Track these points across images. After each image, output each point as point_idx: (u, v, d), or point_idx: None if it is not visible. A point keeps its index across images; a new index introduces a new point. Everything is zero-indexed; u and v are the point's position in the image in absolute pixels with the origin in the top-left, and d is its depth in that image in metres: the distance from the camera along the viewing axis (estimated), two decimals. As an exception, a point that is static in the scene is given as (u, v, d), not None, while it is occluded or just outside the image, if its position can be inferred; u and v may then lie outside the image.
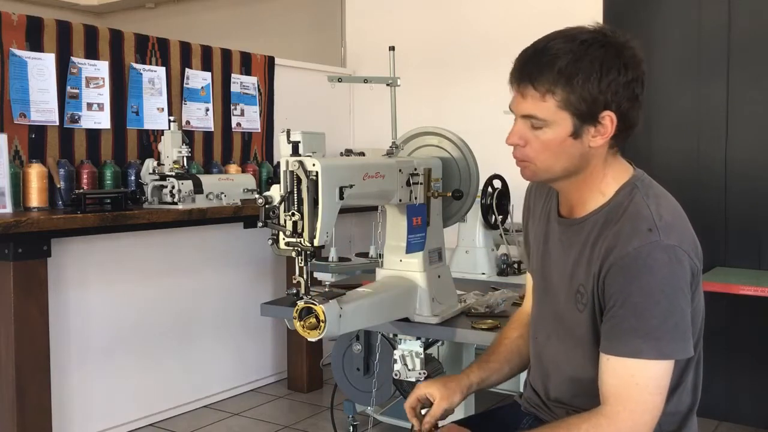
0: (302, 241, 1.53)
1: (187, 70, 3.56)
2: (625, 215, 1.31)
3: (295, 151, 1.57)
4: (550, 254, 1.46)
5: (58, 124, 3.03)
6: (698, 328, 1.37)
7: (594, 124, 1.30)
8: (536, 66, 1.29)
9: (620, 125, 1.31)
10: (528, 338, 1.58)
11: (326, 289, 1.73)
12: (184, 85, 3.55)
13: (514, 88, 1.34)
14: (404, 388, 1.83)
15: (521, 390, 1.65)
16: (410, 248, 1.86)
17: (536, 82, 1.29)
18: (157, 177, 3.07)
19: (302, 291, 1.58)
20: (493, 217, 2.88)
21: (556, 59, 1.27)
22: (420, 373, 1.88)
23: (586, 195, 1.39)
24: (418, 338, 1.91)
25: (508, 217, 2.98)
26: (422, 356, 1.91)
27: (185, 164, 3.16)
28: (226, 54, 3.77)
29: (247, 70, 3.87)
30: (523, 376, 1.64)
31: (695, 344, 1.35)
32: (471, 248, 2.89)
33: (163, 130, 3.26)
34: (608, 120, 1.30)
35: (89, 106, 3.15)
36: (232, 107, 3.80)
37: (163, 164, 3.11)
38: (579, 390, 1.40)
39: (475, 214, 2.84)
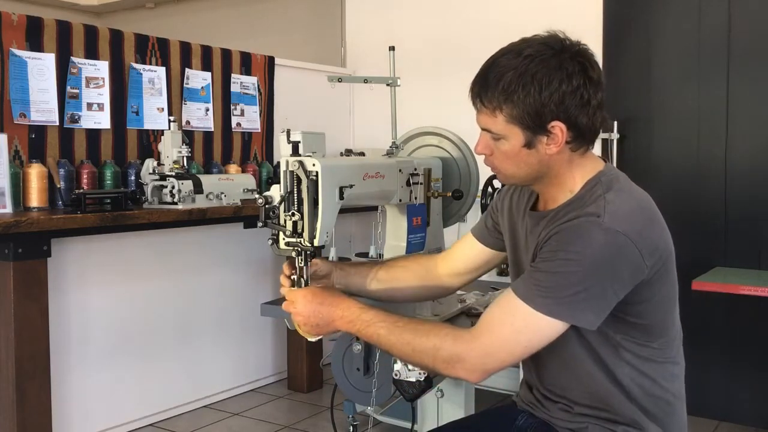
0: (302, 241, 1.53)
1: (187, 70, 3.56)
2: (582, 206, 1.35)
3: (295, 151, 1.57)
4: (522, 247, 1.51)
5: (58, 124, 3.03)
6: (666, 322, 1.40)
7: (545, 134, 1.35)
8: (484, 84, 1.37)
9: (572, 132, 1.35)
10: (407, 272, 1.71)
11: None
12: (184, 85, 3.55)
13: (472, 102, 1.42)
14: (404, 388, 1.83)
15: (519, 390, 1.66)
16: (410, 248, 1.86)
17: (485, 99, 1.37)
18: (157, 177, 3.07)
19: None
20: (493, 217, 2.88)
21: (501, 76, 1.34)
22: (420, 373, 1.87)
23: (556, 193, 1.43)
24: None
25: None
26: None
27: (185, 164, 3.16)
28: (226, 54, 3.77)
29: (247, 70, 3.87)
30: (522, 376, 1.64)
31: (666, 335, 1.40)
32: (471, 248, 2.89)
33: (163, 130, 3.26)
34: (558, 130, 1.34)
35: (89, 106, 3.15)
36: (232, 107, 3.80)
37: (163, 164, 3.11)
38: (570, 376, 1.43)
39: (475, 214, 2.84)
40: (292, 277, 1.56)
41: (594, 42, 3.61)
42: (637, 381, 1.39)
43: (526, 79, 1.31)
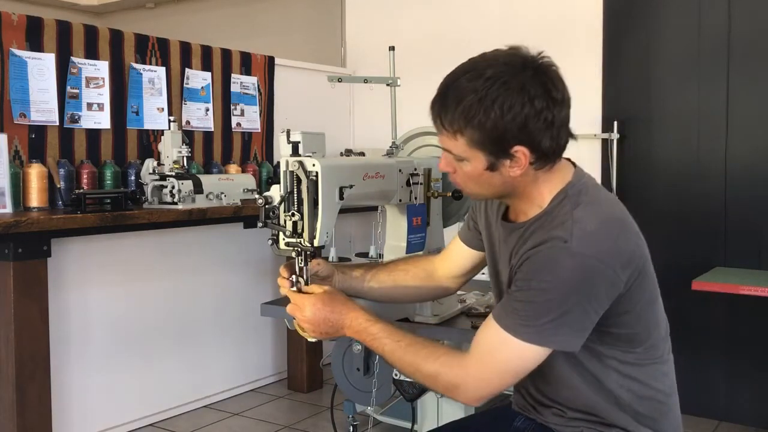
0: (302, 242, 1.53)
1: (187, 70, 3.56)
2: (550, 224, 1.33)
3: (295, 151, 1.57)
4: (498, 254, 1.51)
5: (58, 124, 3.03)
6: (649, 327, 1.39)
7: (508, 158, 1.32)
8: (444, 106, 1.33)
9: (536, 155, 1.32)
10: (408, 274, 1.73)
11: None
12: (184, 85, 3.55)
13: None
14: (404, 388, 1.83)
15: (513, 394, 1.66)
16: (410, 248, 1.86)
17: (445, 121, 1.33)
18: (157, 177, 3.07)
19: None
20: (493, 217, 2.88)
21: (461, 100, 1.29)
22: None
23: (525, 207, 1.42)
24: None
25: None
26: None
27: (185, 164, 3.16)
28: (226, 54, 3.77)
29: (247, 70, 3.87)
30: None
31: (651, 338, 1.39)
32: (471, 248, 2.89)
33: (163, 130, 3.26)
34: (521, 154, 1.31)
35: (89, 106, 3.15)
36: (232, 107, 3.80)
37: (163, 164, 3.11)
38: (559, 388, 1.43)
39: (475, 214, 2.84)
40: (291, 278, 1.56)
41: (594, 42, 3.65)
42: (626, 386, 1.39)
43: (487, 104, 1.27)
